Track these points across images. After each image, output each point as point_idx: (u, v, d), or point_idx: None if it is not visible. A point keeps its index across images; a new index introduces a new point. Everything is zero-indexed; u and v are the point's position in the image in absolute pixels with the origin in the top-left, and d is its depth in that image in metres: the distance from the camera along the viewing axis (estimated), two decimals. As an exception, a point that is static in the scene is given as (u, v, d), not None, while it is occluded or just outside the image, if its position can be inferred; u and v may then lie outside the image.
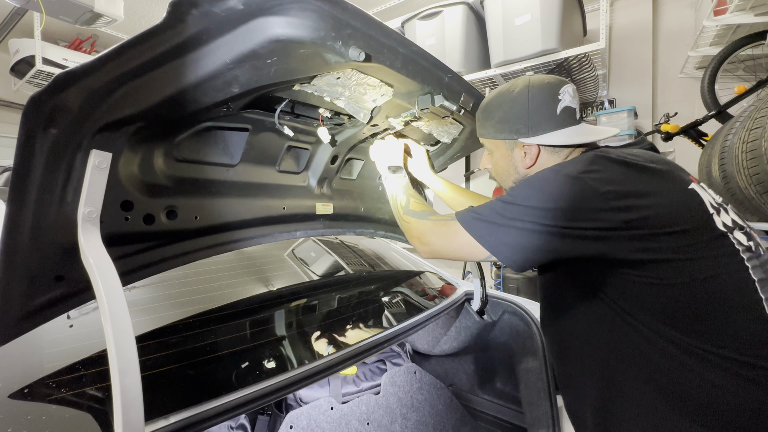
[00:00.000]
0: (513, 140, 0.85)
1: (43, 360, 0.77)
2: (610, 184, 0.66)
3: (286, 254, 1.57)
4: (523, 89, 0.82)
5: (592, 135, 0.82)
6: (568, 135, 0.81)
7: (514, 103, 0.83)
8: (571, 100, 0.82)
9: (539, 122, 0.81)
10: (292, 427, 1.19)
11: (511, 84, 0.86)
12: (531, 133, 0.82)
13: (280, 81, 0.76)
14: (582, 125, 0.83)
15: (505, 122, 0.85)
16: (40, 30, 2.97)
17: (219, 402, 0.73)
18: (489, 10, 2.69)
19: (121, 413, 0.51)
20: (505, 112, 0.84)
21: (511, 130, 0.84)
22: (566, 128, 0.81)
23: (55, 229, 0.62)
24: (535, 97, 0.81)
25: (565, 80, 0.83)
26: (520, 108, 0.82)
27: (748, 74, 2.31)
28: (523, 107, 0.81)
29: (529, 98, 0.81)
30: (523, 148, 0.84)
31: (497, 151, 0.91)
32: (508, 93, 0.84)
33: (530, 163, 0.85)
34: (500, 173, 0.93)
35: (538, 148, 0.83)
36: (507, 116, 0.84)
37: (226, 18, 0.55)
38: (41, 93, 0.52)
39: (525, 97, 0.81)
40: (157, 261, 0.82)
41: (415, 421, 1.48)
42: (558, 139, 0.81)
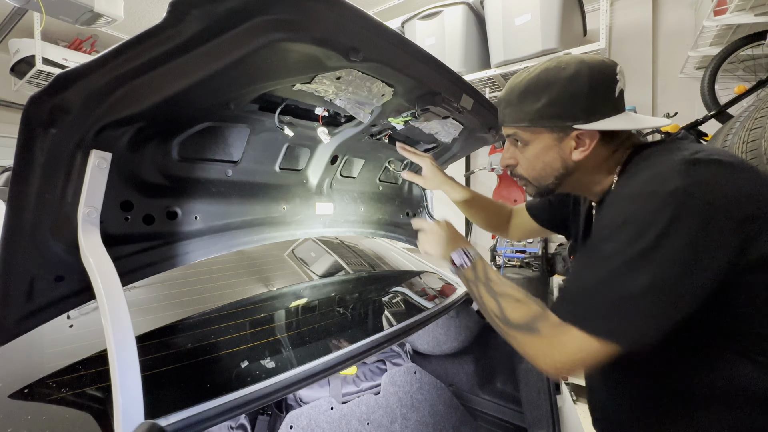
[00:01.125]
0: (565, 127, 0.71)
1: (43, 360, 0.77)
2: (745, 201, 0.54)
3: (286, 254, 1.57)
4: (580, 67, 0.69)
5: (645, 122, 0.73)
6: (626, 120, 0.70)
7: (570, 83, 0.69)
8: (624, 83, 0.73)
9: (599, 105, 0.69)
10: (292, 427, 1.19)
11: (556, 62, 0.72)
12: (589, 117, 0.69)
13: (279, 81, 0.76)
14: (629, 113, 0.74)
15: (556, 105, 0.70)
16: (40, 30, 2.97)
17: (219, 402, 0.73)
18: (489, 10, 2.69)
19: (121, 413, 0.51)
20: (558, 93, 0.70)
21: (564, 115, 0.70)
22: (622, 113, 0.71)
23: (55, 229, 0.62)
24: (596, 76, 0.69)
25: (615, 62, 0.73)
26: (578, 88, 0.69)
27: (748, 74, 2.31)
28: (582, 87, 0.68)
29: (590, 77, 0.69)
30: (577, 137, 0.72)
31: (537, 142, 0.76)
32: (559, 70, 0.70)
33: (583, 155, 0.72)
34: (538, 168, 0.78)
35: (596, 136, 0.71)
36: (560, 98, 0.70)
37: (226, 18, 0.55)
38: (41, 93, 0.52)
39: (585, 76, 0.68)
40: (157, 261, 0.82)
41: (415, 421, 1.48)
42: (621, 124, 0.69)
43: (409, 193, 1.54)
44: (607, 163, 0.75)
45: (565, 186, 0.79)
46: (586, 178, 0.77)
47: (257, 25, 0.57)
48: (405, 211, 1.53)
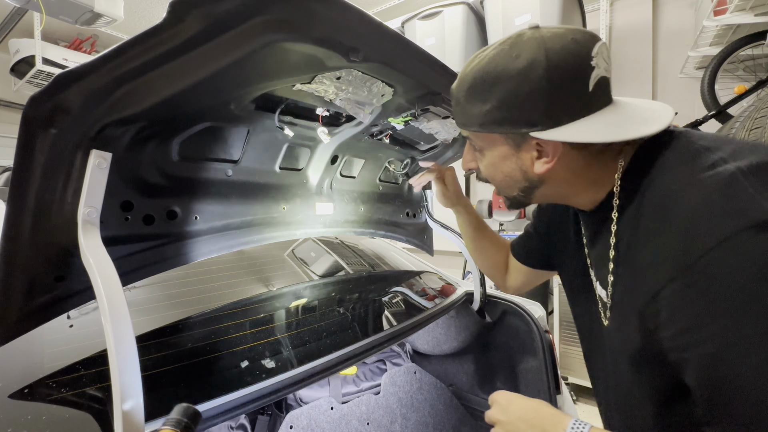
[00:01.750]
0: (521, 135, 0.57)
1: (43, 360, 0.77)
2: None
3: (286, 254, 1.57)
4: (536, 55, 0.52)
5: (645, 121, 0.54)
6: (608, 123, 0.53)
7: (522, 79, 0.53)
8: (606, 66, 0.54)
9: (564, 107, 0.53)
10: (292, 427, 1.19)
11: (510, 44, 0.55)
12: (550, 123, 0.53)
13: (279, 81, 0.76)
14: (619, 103, 0.56)
15: (507, 108, 0.55)
16: (40, 30, 2.97)
17: (219, 402, 0.73)
18: (489, 10, 2.70)
19: (121, 413, 0.51)
20: (507, 93, 0.54)
21: (517, 121, 0.55)
22: (601, 111, 0.54)
23: (55, 229, 0.62)
24: (557, 68, 0.51)
25: (593, 33, 0.54)
26: (533, 85, 0.52)
27: (748, 74, 2.31)
28: (537, 86, 0.52)
29: (546, 72, 0.51)
30: (537, 147, 0.57)
31: (492, 150, 0.62)
32: (509, 60, 0.54)
33: (546, 167, 0.58)
34: (498, 179, 0.66)
35: (561, 147, 0.56)
36: (510, 99, 0.54)
37: (226, 18, 0.55)
38: (41, 93, 0.52)
39: (541, 69, 0.51)
40: (157, 261, 0.82)
41: (415, 421, 1.48)
42: (596, 132, 0.52)
43: (409, 193, 1.54)
44: (589, 174, 0.59)
45: (538, 198, 0.65)
46: (562, 190, 0.62)
47: (257, 26, 0.57)
48: (405, 211, 1.53)
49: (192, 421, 0.55)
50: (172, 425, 0.53)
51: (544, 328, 1.38)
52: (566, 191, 0.63)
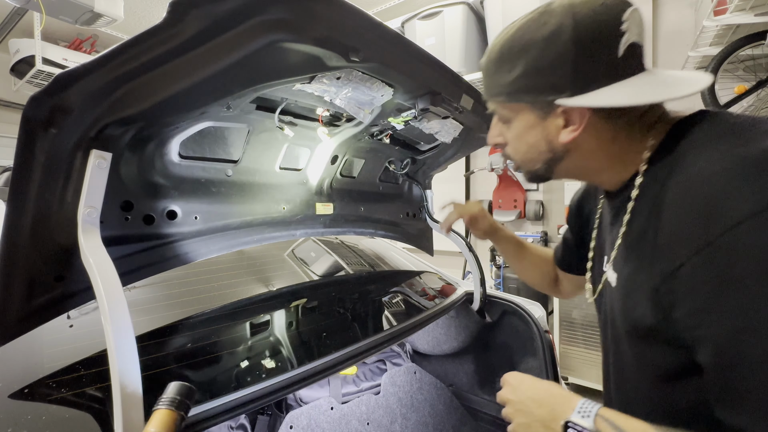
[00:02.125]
0: (546, 102, 0.56)
1: (43, 360, 0.77)
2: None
3: (286, 254, 1.57)
4: (564, 21, 0.51)
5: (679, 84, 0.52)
6: (639, 88, 0.51)
7: (548, 45, 0.52)
8: (639, 32, 0.52)
9: (591, 72, 0.52)
10: (292, 427, 1.19)
11: (539, 13, 0.55)
12: (577, 89, 0.52)
13: (279, 81, 0.76)
14: (653, 71, 0.54)
15: (533, 75, 0.55)
16: (40, 30, 2.97)
17: (219, 402, 0.73)
18: (489, 9, 2.70)
19: (121, 413, 0.51)
20: (534, 60, 0.54)
21: (544, 88, 0.55)
22: (631, 77, 0.52)
23: (55, 229, 0.62)
24: (584, 32, 0.51)
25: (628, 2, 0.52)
26: (559, 51, 0.52)
27: (748, 74, 2.31)
28: (564, 51, 0.51)
29: (574, 36, 0.51)
30: (564, 114, 0.56)
31: (518, 120, 0.61)
32: (537, 27, 0.54)
33: (572, 136, 0.56)
34: (522, 151, 0.64)
35: (588, 114, 0.54)
36: (537, 66, 0.54)
37: (226, 18, 0.55)
38: (41, 93, 0.52)
39: (568, 34, 0.51)
40: (157, 261, 0.82)
41: (415, 421, 1.48)
42: (626, 96, 0.51)
43: (409, 193, 1.54)
44: (615, 147, 0.58)
45: (561, 172, 0.64)
46: (586, 163, 0.61)
47: (257, 26, 0.57)
48: (405, 211, 1.53)
49: (187, 398, 0.54)
50: (167, 404, 0.53)
51: (544, 328, 1.38)
52: (590, 165, 0.61)
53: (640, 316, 0.53)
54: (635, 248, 0.55)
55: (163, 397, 0.54)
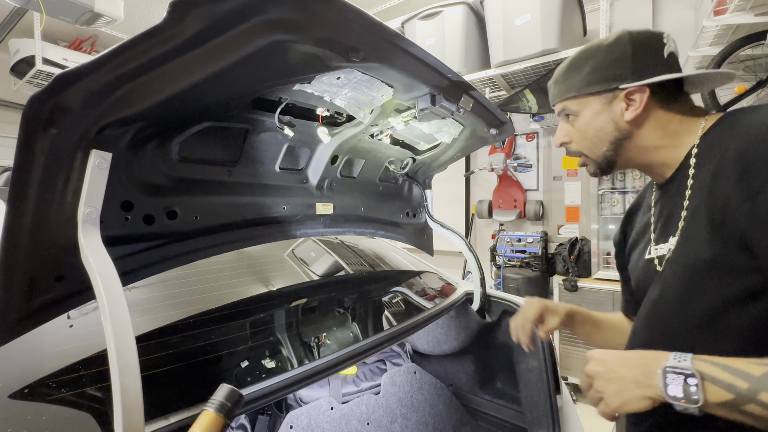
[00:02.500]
0: (612, 90, 0.72)
1: (43, 360, 0.77)
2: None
3: (286, 254, 1.57)
4: (622, 33, 0.72)
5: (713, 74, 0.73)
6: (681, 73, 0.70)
7: (612, 48, 0.72)
8: (675, 47, 0.72)
9: (646, 65, 0.70)
10: (292, 427, 1.19)
11: (598, 39, 0.76)
12: (637, 76, 0.70)
13: (279, 81, 0.76)
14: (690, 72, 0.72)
15: (600, 70, 0.73)
16: (40, 30, 2.97)
17: (219, 402, 0.73)
18: (489, 10, 2.70)
19: (121, 413, 0.51)
20: (601, 59, 0.73)
21: (609, 78, 0.72)
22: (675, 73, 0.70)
23: (55, 229, 0.62)
24: (638, 38, 0.71)
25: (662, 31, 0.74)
26: (620, 51, 0.71)
27: (748, 74, 2.31)
28: (624, 50, 0.71)
29: (632, 39, 0.71)
30: (626, 98, 0.71)
31: (586, 110, 0.76)
32: (600, 42, 0.74)
33: (635, 114, 0.71)
34: (590, 136, 0.77)
35: (647, 92, 0.70)
36: (603, 63, 0.73)
37: (226, 18, 0.55)
38: (41, 93, 0.52)
39: (626, 39, 0.71)
40: (157, 261, 0.82)
41: (415, 421, 1.48)
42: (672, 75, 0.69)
43: (409, 193, 1.54)
44: (671, 127, 0.71)
45: (625, 156, 0.75)
46: (647, 142, 0.73)
47: (257, 26, 0.57)
48: (405, 211, 1.53)
49: (236, 406, 0.54)
50: (216, 408, 0.52)
51: (544, 328, 1.38)
52: (650, 143, 0.72)
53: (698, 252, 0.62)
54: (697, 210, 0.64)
55: (213, 398, 0.53)
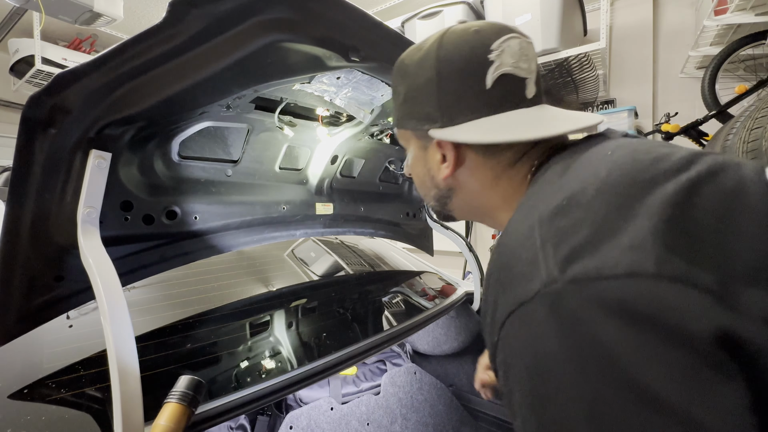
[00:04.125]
0: (424, 132, 0.51)
1: (43, 360, 0.77)
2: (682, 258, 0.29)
3: (286, 254, 1.57)
4: (431, 47, 0.49)
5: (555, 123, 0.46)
6: (506, 125, 0.46)
7: (418, 71, 0.50)
8: (515, 63, 0.46)
9: (457, 102, 0.47)
10: (291, 427, 1.19)
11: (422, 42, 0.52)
12: (446, 119, 0.48)
13: (279, 81, 0.76)
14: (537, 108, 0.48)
15: (410, 101, 0.51)
16: (39, 30, 2.97)
17: (219, 402, 0.73)
18: (489, 9, 2.69)
19: (121, 413, 0.50)
20: (410, 86, 0.51)
21: (419, 115, 0.51)
22: (507, 113, 0.47)
23: (54, 229, 0.62)
24: (447, 60, 0.47)
25: (508, 28, 0.48)
26: (426, 78, 0.49)
27: (748, 74, 2.31)
28: (429, 76, 0.48)
29: (437, 61, 0.47)
30: (439, 147, 0.51)
31: (410, 149, 0.57)
32: (414, 52, 0.51)
33: (447, 172, 0.51)
34: (417, 183, 0.59)
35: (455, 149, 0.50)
36: (412, 92, 0.51)
37: (226, 18, 0.55)
38: (41, 93, 0.52)
39: (432, 62, 0.48)
40: (157, 261, 0.82)
41: (415, 421, 1.48)
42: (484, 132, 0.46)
43: (409, 193, 1.54)
44: (500, 187, 0.50)
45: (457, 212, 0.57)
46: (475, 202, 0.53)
47: (257, 25, 0.57)
48: (405, 211, 1.53)
49: (197, 393, 0.54)
50: (178, 399, 0.52)
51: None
52: (480, 206, 0.54)
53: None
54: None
55: (174, 390, 0.53)
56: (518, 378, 0.33)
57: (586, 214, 0.33)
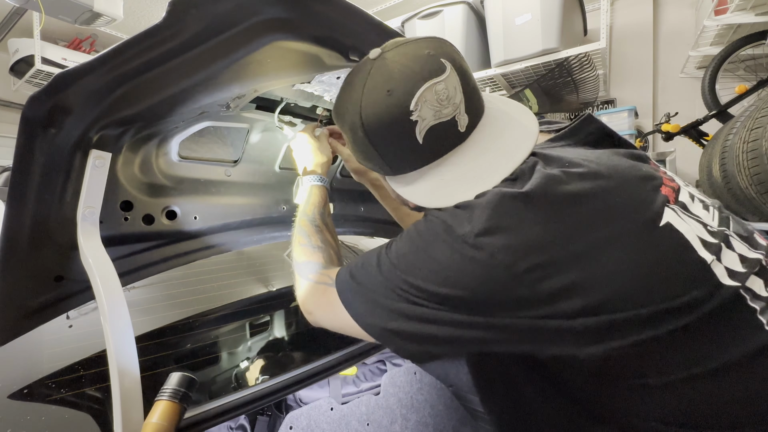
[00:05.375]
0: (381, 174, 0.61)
1: (43, 360, 0.77)
2: (530, 252, 0.42)
3: (286, 254, 1.57)
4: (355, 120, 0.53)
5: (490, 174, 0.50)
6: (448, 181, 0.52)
7: (353, 137, 0.56)
8: (437, 112, 0.49)
9: (398, 159, 0.54)
10: (291, 427, 1.18)
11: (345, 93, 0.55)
12: (395, 170, 0.56)
13: (279, 81, 0.76)
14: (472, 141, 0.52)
15: (358, 154, 0.59)
16: (39, 29, 2.97)
17: (219, 402, 0.73)
18: (489, 9, 2.69)
19: (121, 413, 0.50)
20: (352, 141, 0.57)
21: (369, 163, 0.59)
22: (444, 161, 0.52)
23: (54, 229, 0.62)
24: (374, 131, 0.52)
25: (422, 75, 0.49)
26: (363, 144, 0.55)
27: (748, 74, 2.30)
28: (366, 143, 0.54)
29: (367, 135, 0.52)
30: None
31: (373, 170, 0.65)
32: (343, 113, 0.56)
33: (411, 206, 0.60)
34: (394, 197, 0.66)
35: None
36: (356, 149, 0.58)
37: (226, 18, 0.55)
38: (40, 92, 0.52)
39: (361, 133, 0.53)
40: (157, 261, 0.81)
41: (415, 421, 1.48)
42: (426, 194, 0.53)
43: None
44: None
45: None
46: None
47: (257, 25, 0.57)
48: (405, 211, 1.53)
49: (189, 390, 0.55)
50: (169, 396, 0.53)
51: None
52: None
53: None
54: None
55: (165, 388, 0.53)
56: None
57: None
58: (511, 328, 0.44)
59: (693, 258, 0.43)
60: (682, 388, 0.42)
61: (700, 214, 0.49)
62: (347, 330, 0.53)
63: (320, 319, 0.58)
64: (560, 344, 0.44)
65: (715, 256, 0.44)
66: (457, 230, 0.45)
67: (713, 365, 0.41)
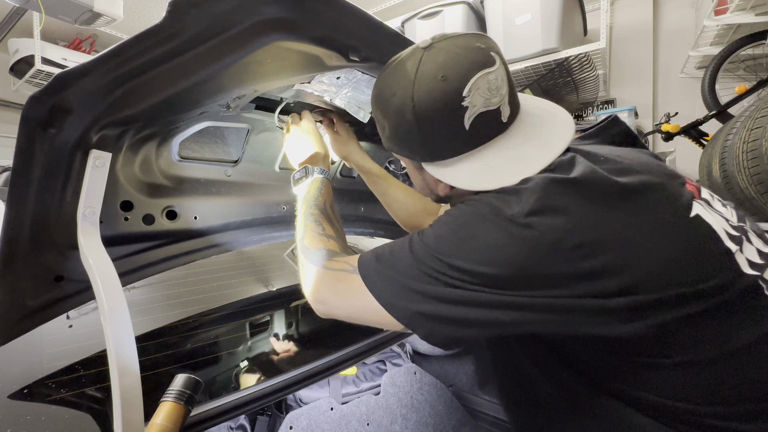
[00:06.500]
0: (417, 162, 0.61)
1: (43, 360, 0.77)
2: (577, 232, 0.44)
3: (286, 254, 1.57)
4: (406, 100, 0.53)
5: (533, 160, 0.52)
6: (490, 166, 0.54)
7: (398, 121, 0.56)
8: (487, 100, 0.51)
9: (441, 145, 0.55)
10: (291, 427, 1.19)
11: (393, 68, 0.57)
12: (434, 157, 0.57)
13: (279, 81, 0.76)
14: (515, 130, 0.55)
15: (396, 140, 0.59)
16: (39, 30, 2.97)
17: (219, 402, 0.73)
18: (489, 9, 2.69)
19: (121, 413, 0.50)
20: (393, 128, 0.58)
21: (407, 151, 0.60)
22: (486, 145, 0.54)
23: (54, 229, 0.62)
24: (424, 116, 0.52)
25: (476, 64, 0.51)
26: (407, 128, 0.55)
27: (748, 74, 2.30)
28: (411, 128, 0.55)
29: (416, 117, 0.53)
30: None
31: (404, 162, 0.66)
32: (390, 95, 0.56)
33: (446, 191, 0.61)
34: (417, 188, 0.69)
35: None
36: (396, 134, 0.58)
37: (226, 18, 0.55)
38: (40, 92, 0.52)
39: (410, 116, 0.53)
40: (157, 261, 0.81)
41: (415, 421, 1.48)
42: (471, 179, 0.54)
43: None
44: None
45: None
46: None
47: (257, 25, 0.57)
48: (405, 211, 1.53)
49: (194, 392, 0.55)
50: (175, 398, 0.53)
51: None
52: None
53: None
54: None
55: (171, 389, 0.54)
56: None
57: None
58: (549, 306, 0.45)
59: (720, 247, 0.47)
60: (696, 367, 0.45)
61: (720, 210, 0.52)
62: (366, 317, 0.54)
63: (333, 308, 0.58)
64: (592, 325, 0.46)
65: (739, 247, 0.48)
66: (506, 211, 0.47)
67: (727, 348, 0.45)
